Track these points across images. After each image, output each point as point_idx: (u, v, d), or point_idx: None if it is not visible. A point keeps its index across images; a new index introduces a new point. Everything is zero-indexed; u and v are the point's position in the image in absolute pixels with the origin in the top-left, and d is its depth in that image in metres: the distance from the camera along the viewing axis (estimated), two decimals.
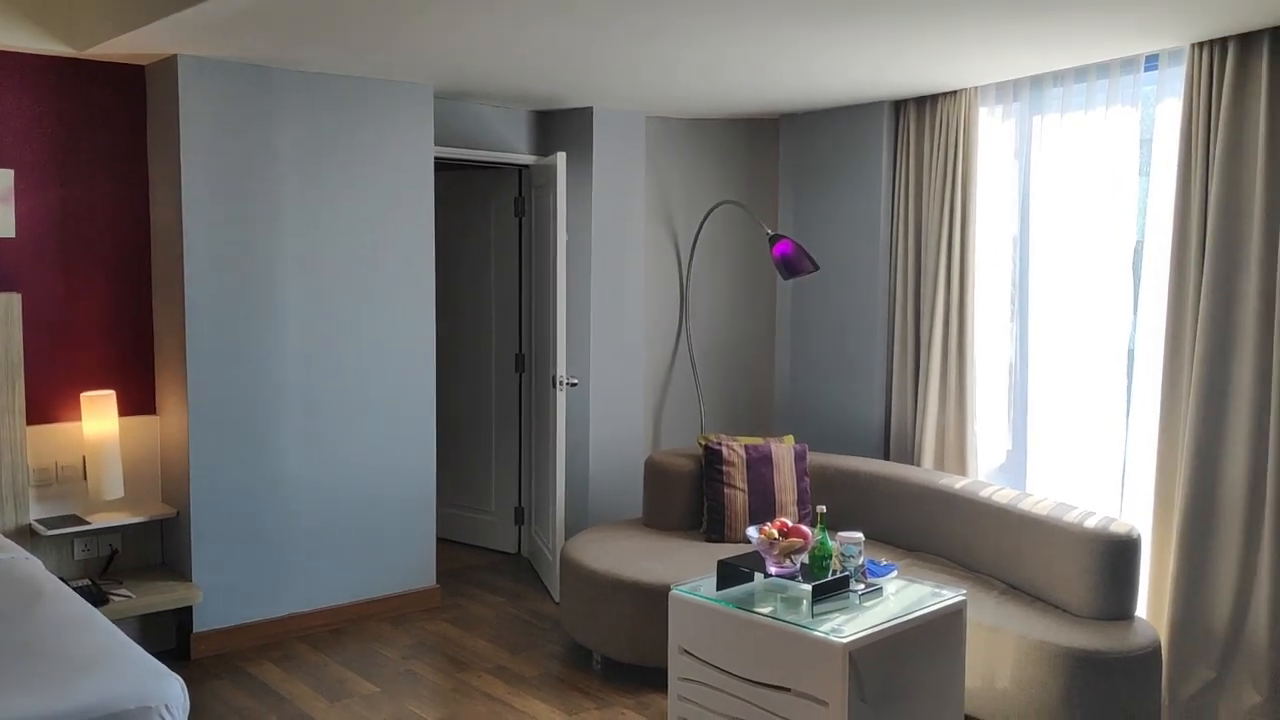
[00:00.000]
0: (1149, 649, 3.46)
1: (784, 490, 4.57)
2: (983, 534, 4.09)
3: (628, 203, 5.45)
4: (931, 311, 4.78)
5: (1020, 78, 4.45)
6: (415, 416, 4.85)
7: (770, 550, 3.26)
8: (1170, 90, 3.95)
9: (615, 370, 5.46)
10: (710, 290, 5.76)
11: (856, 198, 5.19)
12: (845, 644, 2.92)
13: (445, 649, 4.45)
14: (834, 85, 4.68)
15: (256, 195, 4.34)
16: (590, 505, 5.41)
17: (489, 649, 4.45)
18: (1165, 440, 3.82)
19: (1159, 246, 3.98)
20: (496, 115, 5.33)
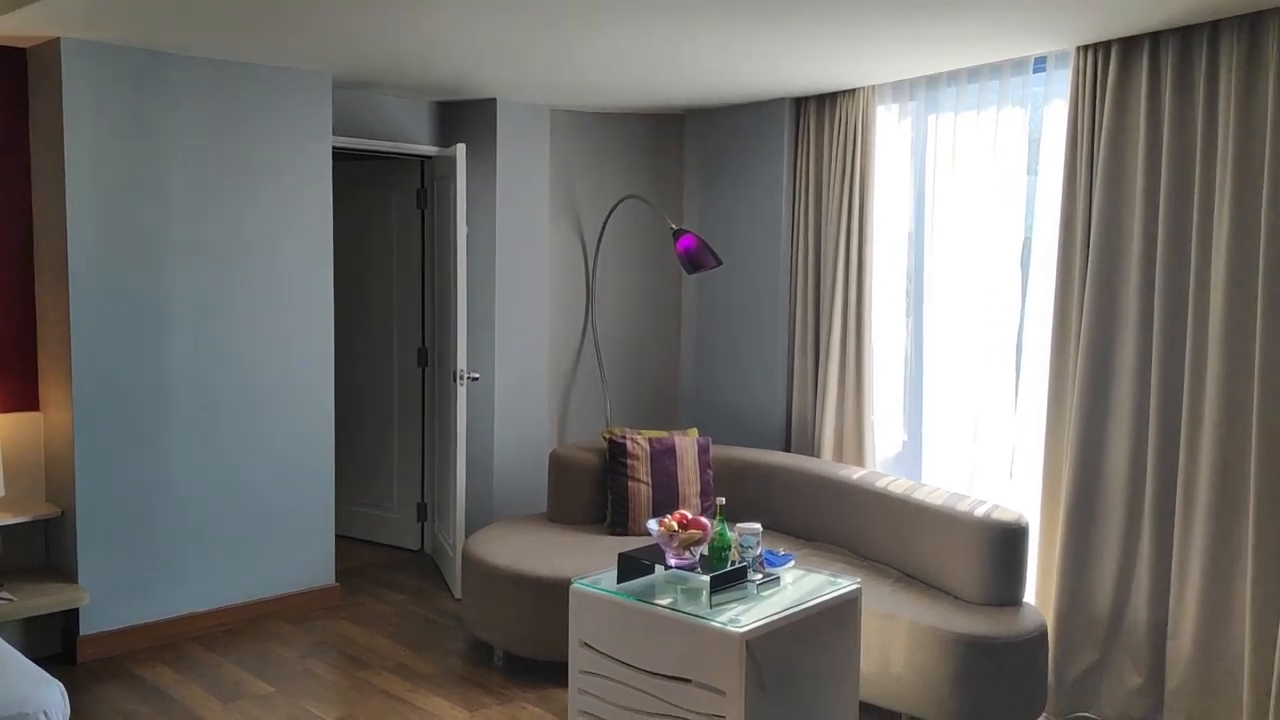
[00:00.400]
0: (1036, 633, 3.57)
1: (687, 483, 4.60)
2: (879, 523, 4.17)
3: (532, 195, 5.42)
4: (831, 306, 4.86)
5: (916, 77, 4.55)
6: (313, 411, 4.76)
7: (670, 542, 3.27)
8: (1057, 92, 4.07)
9: (520, 364, 5.44)
10: (616, 284, 5.77)
11: (759, 193, 5.25)
12: (742, 633, 2.96)
13: (345, 648, 4.38)
14: (736, 82, 4.72)
15: (145, 184, 4.21)
16: (495, 500, 5.37)
17: (389, 647, 4.39)
18: (1052, 431, 3.95)
19: (1046, 243, 4.10)
20: (398, 105, 5.25)
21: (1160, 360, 3.63)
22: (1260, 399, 3.35)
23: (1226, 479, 3.46)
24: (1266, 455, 3.34)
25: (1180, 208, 3.60)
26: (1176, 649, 3.60)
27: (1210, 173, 3.51)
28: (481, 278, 5.36)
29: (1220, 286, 3.44)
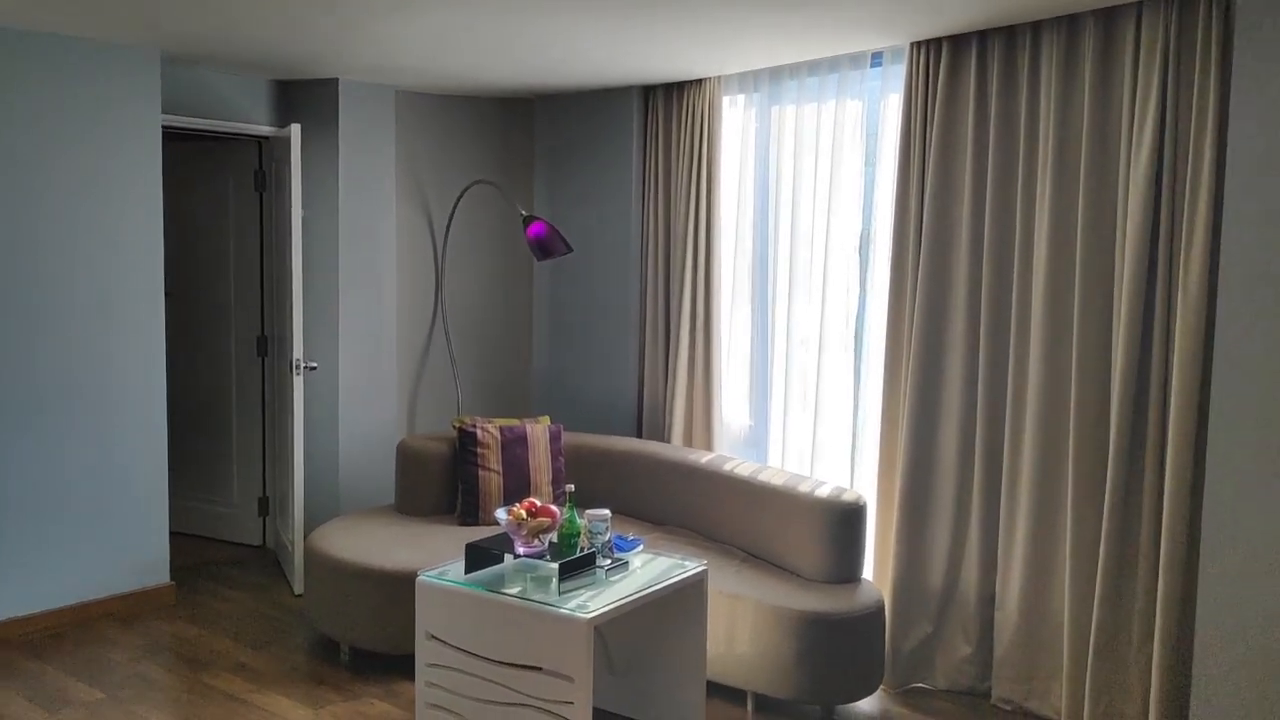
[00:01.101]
0: (874, 608, 3.70)
1: (539, 471, 4.59)
2: (726, 506, 4.25)
3: (378, 180, 5.29)
4: (680, 293, 4.92)
5: (760, 69, 4.63)
6: (143, 405, 4.54)
7: (518, 531, 3.26)
8: (893, 87, 4.21)
9: (367, 353, 5.31)
10: (467, 271, 5.69)
11: (610, 181, 5.26)
12: (590, 619, 2.97)
13: (180, 649, 4.21)
14: (583, 69, 4.71)
15: None
16: (341, 493, 5.24)
17: (229, 646, 4.24)
18: (888, 413, 4.09)
19: (882, 234, 4.25)
20: (234, 83, 5.04)
21: (987, 346, 3.81)
22: (1078, 383, 3.55)
23: (1048, 459, 3.66)
24: (1083, 436, 3.54)
25: (1005, 201, 3.77)
26: (1003, 619, 3.80)
27: (1033, 168, 3.70)
28: (324, 264, 5.20)
29: (1042, 274, 3.63)
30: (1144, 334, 3.42)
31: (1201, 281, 3.23)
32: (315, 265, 5.22)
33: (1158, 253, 3.39)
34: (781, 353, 4.67)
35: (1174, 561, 3.29)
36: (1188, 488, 3.28)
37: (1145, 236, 3.38)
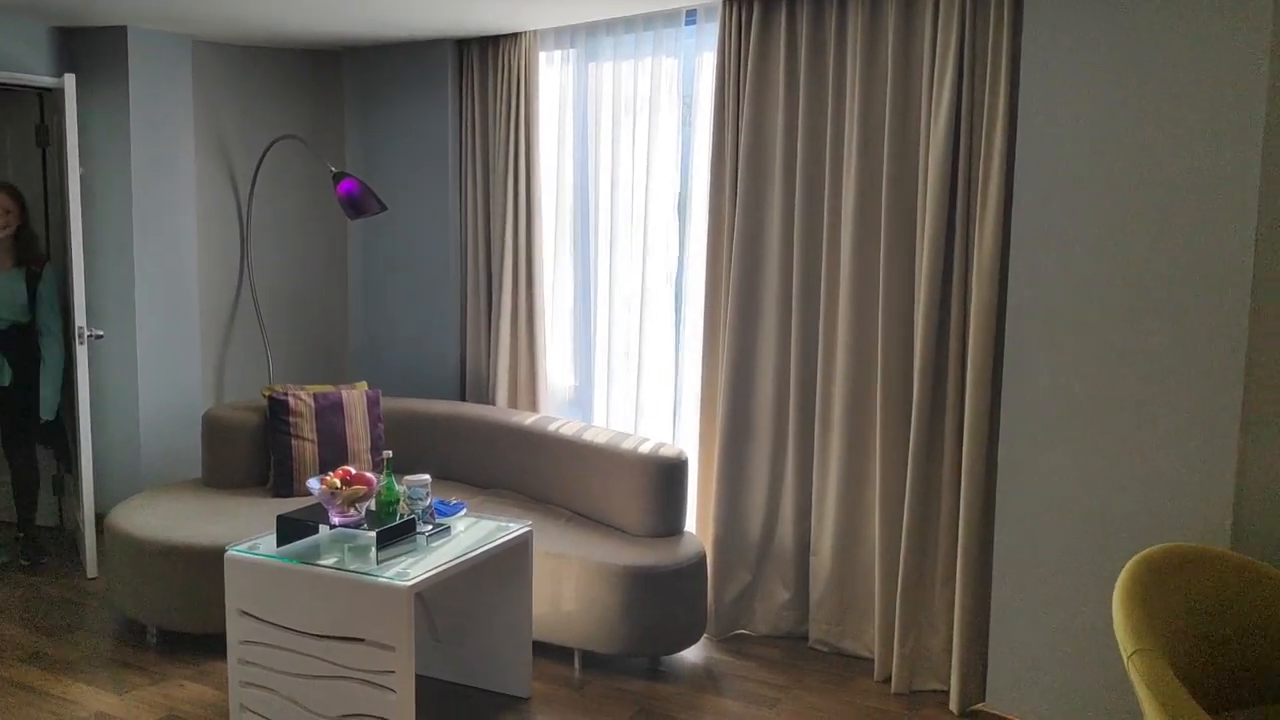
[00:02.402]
0: (695, 560, 3.78)
1: (356, 438, 4.46)
2: (552, 466, 4.24)
3: (174, 135, 4.97)
4: (501, 253, 4.84)
5: (577, 24, 4.57)
6: None
7: (332, 500, 3.16)
8: (707, 45, 4.24)
9: (166, 320, 5.01)
10: (275, 232, 5.43)
11: (424, 137, 5.11)
12: (410, 586, 2.91)
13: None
14: (392, 20, 4.54)
15: None
16: (143, 468, 4.96)
17: (21, 635, 3.96)
18: (707, 370, 4.16)
19: (700, 194, 4.29)
20: (11, 29, 4.63)
21: (799, 306, 3.91)
22: (883, 338, 3.68)
23: (857, 412, 3.80)
24: (889, 388, 3.69)
25: (814, 160, 3.86)
26: (818, 564, 3.94)
27: (840, 128, 3.79)
28: (117, 225, 4.87)
29: (849, 233, 3.74)
30: (943, 289, 3.58)
31: (995, 235, 3.39)
32: (106, 226, 4.88)
33: (956, 213, 3.53)
34: (604, 312, 4.68)
35: (973, 504, 3.47)
36: (985, 435, 3.46)
37: (944, 194, 3.52)
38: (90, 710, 3.41)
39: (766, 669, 3.82)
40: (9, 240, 4.47)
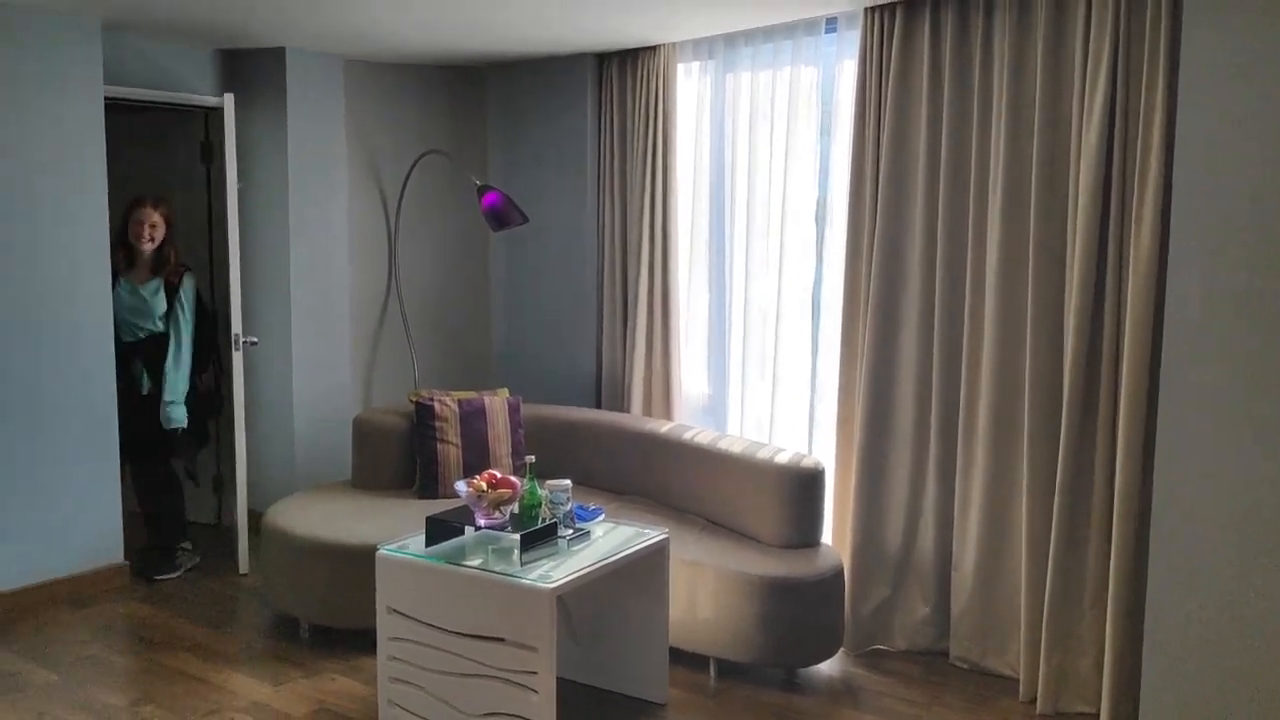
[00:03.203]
0: (833, 572, 3.74)
1: (498, 442, 4.56)
2: (686, 474, 4.26)
3: (327, 150, 5.20)
4: (638, 262, 4.90)
5: (715, 35, 4.60)
6: (92, 380, 4.45)
7: (479, 503, 3.24)
8: (847, 53, 4.20)
9: (320, 327, 5.24)
10: (422, 243, 5.62)
11: (565, 150, 5.22)
12: (552, 589, 2.97)
13: (136, 629, 4.15)
14: (535, 35, 4.65)
15: None
16: (297, 469, 5.18)
17: (186, 626, 4.19)
18: (845, 381, 4.11)
19: (839, 203, 4.25)
20: (178, 53, 4.92)
21: (942, 313, 3.84)
22: (1032, 348, 3.59)
23: (1002, 422, 3.71)
24: (1037, 399, 3.58)
25: (959, 168, 3.79)
26: (960, 579, 3.85)
27: (987, 135, 3.71)
28: (275, 237, 5.12)
29: (996, 241, 3.66)
30: (1096, 297, 3.46)
31: (1152, 243, 3.27)
32: (265, 238, 5.14)
33: (1109, 217, 3.42)
34: (739, 321, 4.68)
35: (1127, 519, 3.35)
36: (1140, 447, 3.33)
37: (1097, 201, 3.41)
38: (247, 700, 3.57)
39: (905, 685, 3.75)
40: (152, 253, 4.62)
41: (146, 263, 4.58)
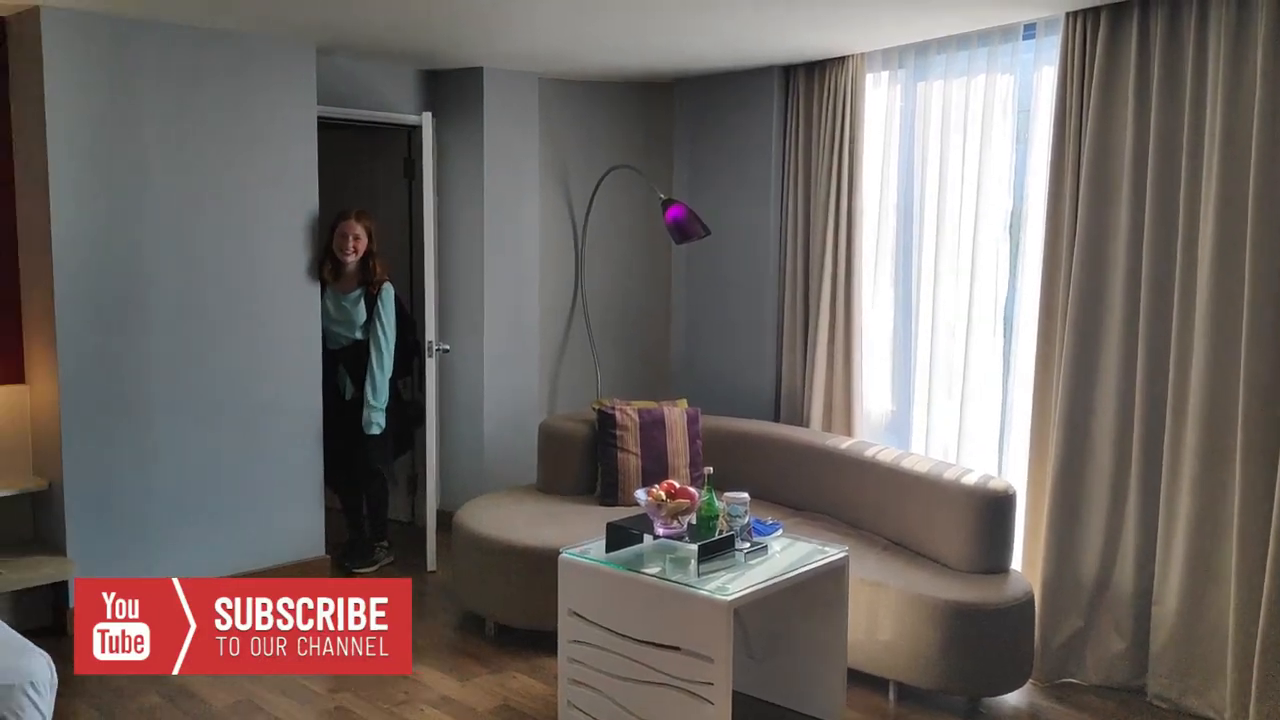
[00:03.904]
0: (1023, 600, 3.59)
1: (676, 453, 4.61)
2: (867, 492, 4.19)
3: (521, 166, 5.39)
4: (820, 275, 4.85)
5: (905, 45, 4.52)
6: (298, 384, 4.74)
7: (658, 512, 3.28)
8: (1046, 59, 4.05)
9: (509, 335, 5.42)
10: (606, 254, 5.75)
11: (749, 162, 5.23)
12: (730, 601, 2.97)
13: None
14: (724, 50, 4.69)
15: (128, 157, 4.17)
16: (486, 471, 5.37)
17: None
18: (1039, 400, 3.95)
19: (1035, 213, 4.09)
20: (383, 74, 5.20)
21: (1147, 332, 3.64)
22: (1246, 371, 3.35)
23: (1212, 448, 3.48)
24: (1252, 424, 3.35)
25: (1168, 180, 3.58)
26: (1161, 614, 3.63)
27: (1198, 144, 3.50)
28: (470, 249, 5.34)
29: (1208, 258, 3.44)
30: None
31: None
32: (461, 250, 5.36)
33: None
34: (926, 337, 4.56)
35: None
36: None
37: None
38: (436, 693, 3.73)
39: None
40: (356, 264, 4.82)
41: (350, 274, 4.82)
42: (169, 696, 3.64)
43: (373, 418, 4.80)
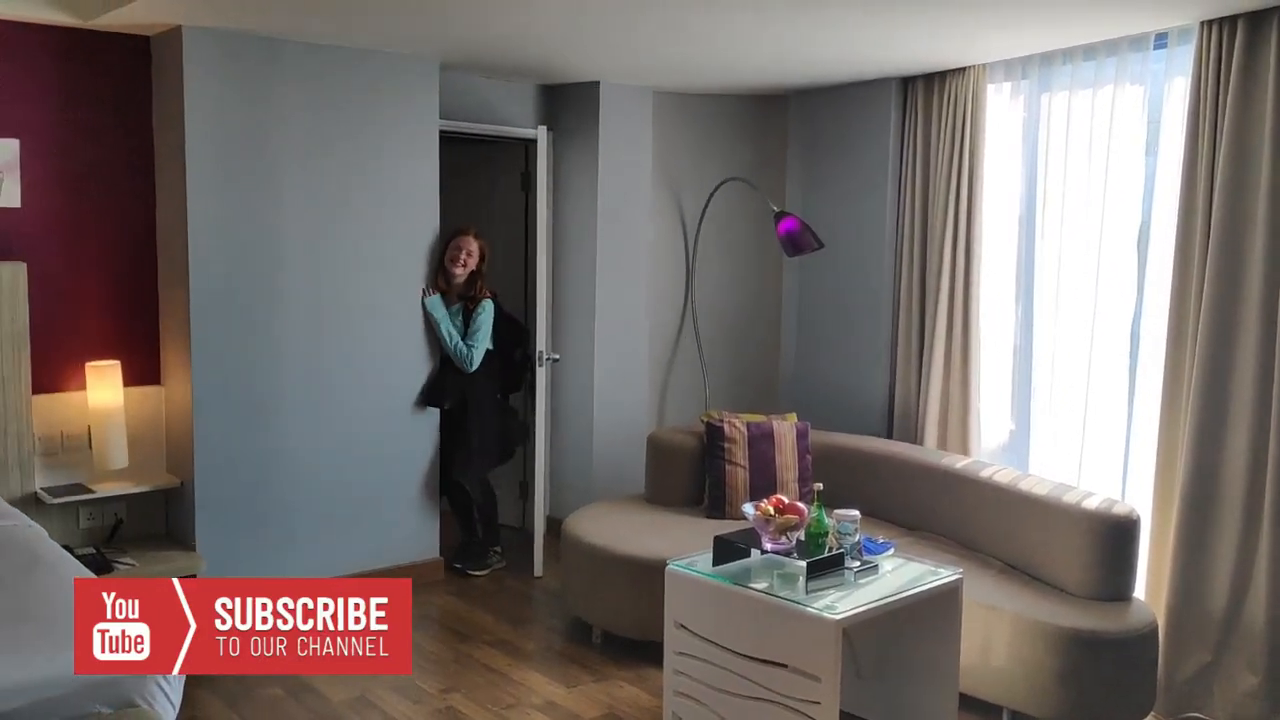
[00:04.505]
0: (1146, 630, 3.46)
1: (785, 468, 4.57)
2: (982, 513, 4.09)
3: (634, 178, 5.43)
4: (937, 290, 4.76)
5: (1029, 55, 4.41)
6: (415, 390, 4.86)
7: (766, 526, 3.26)
8: (1178, 69, 3.91)
9: (620, 346, 5.47)
10: (716, 267, 5.75)
11: (864, 175, 5.17)
12: (839, 620, 2.93)
13: (447, 621, 4.49)
14: (841, 62, 4.65)
15: (261, 167, 4.35)
16: (594, 480, 5.42)
17: (490, 622, 4.48)
18: (1167, 423, 3.80)
19: (1164, 227, 3.95)
20: (502, 89, 5.31)
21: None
22: None
23: None
24: None
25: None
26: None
27: None
28: (583, 260, 5.40)
29: None
30: None
31: None
32: (574, 261, 5.43)
33: None
34: (1047, 354, 4.43)
35: None
36: None
37: None
38: (542, 698, 3.77)
39: None
40: (464, 279, 4.91)
41: (457, 287, 4.94)
42: (291, 690, 3.77)
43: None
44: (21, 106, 4.07)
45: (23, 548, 3.20)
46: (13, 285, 3.97)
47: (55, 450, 4.19)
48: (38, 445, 4.13)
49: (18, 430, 4.01)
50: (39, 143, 4.11)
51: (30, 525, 3.48)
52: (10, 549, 3.17)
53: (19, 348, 3.99)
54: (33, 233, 4.11)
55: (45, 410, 4.15)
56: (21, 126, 4.07)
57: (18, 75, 4.05)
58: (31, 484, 4.08)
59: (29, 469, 4.06)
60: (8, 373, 3.98)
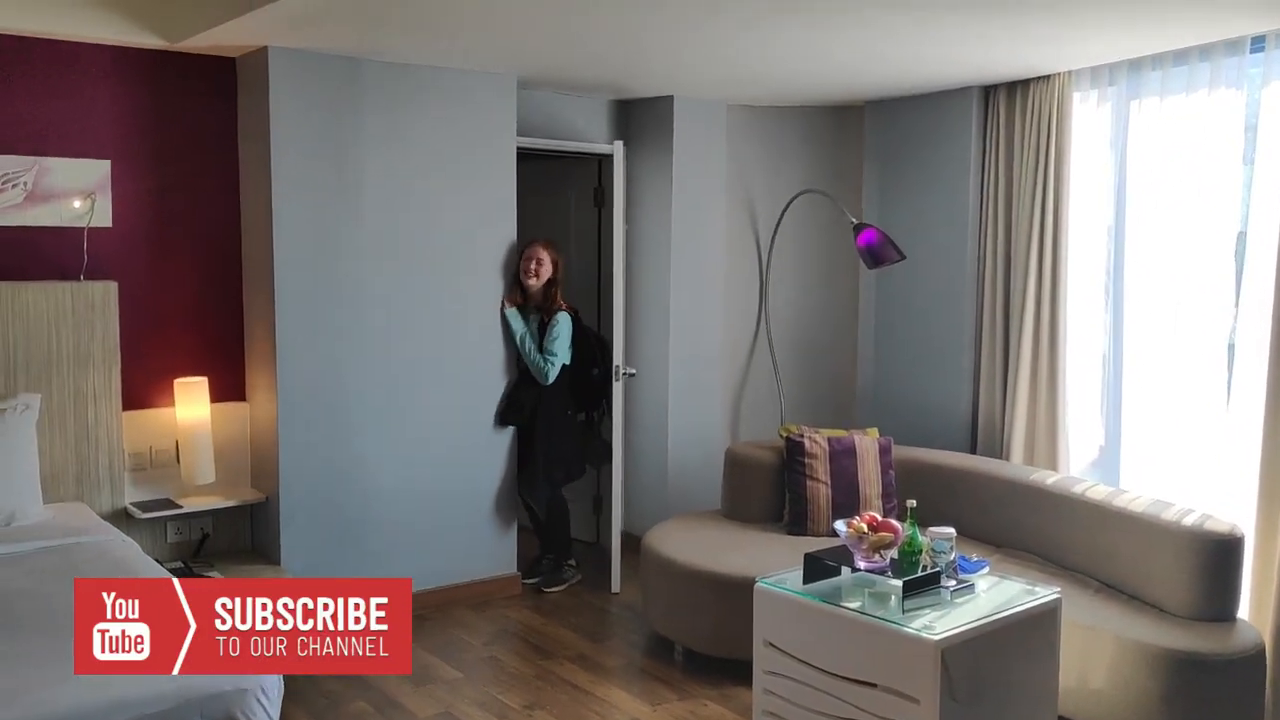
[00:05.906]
0: (1252, 652, 3.34)
1: (868, 484, 4.50)
2: (1076, 531, 3.98)
3: (708, 192, 5.41)
4: (1022, 302, 4.66)
5: (1117, 61, 4.31)
6: (495, 402, 4.87)
7: (859, 544, 3.20)
8: (1276, 74, 3.79)
9: (694, 360, 5.43)
10: (791, 279, 5.69)
11: (944, 186, 5.08)
12: (937, 641, 2.87)
13: (527, 636, 4.48)
14: (920, 71, 4.58)
15: (344, 185, 4.39)
16: (670, 495, 5.39)
17: (570, 638, 4.46)
18: (1270, 436, 3.68)
19: (1264, 236, 3.82)
20: (577, 105, 5.33)
21: None
22: None
23: None
24: None
25: None
26: None
27: None
28: (657, 275, 5.38)
29: None
30: None
31: None
32: (648, 276, 5.41)
33: None
34: (1139, 366, 4.32)
35: None
36: None
37: None
38: (627, 716, 3.74)
39: None
40: (539, 290, 4.90)
41: (533, 299, 4.93)
42: (377, 705, 3.78)
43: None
44: (112, 128, 4.16)
45: (119, 563, 3.25)
46: (104, 304, 4.05)
47: (144, 466, 4.26)
48: (127, 461, 4.20)
49: (109, 446, 4.09)
50: (129, 163, 4.19)
51: (125, 540, 3.54)
52: (107, 564, 3.22)
53: (110, 365, 4.07)
54: (123, 252, 4.20)
55: (135, 426, 4.22)
56: (112, 147, 4.16)
57: (109, 97, 4.14)
58: (122, 499, 4.15)
59: (119, 485, 4.14)
60: (99, 390, 4.06)
